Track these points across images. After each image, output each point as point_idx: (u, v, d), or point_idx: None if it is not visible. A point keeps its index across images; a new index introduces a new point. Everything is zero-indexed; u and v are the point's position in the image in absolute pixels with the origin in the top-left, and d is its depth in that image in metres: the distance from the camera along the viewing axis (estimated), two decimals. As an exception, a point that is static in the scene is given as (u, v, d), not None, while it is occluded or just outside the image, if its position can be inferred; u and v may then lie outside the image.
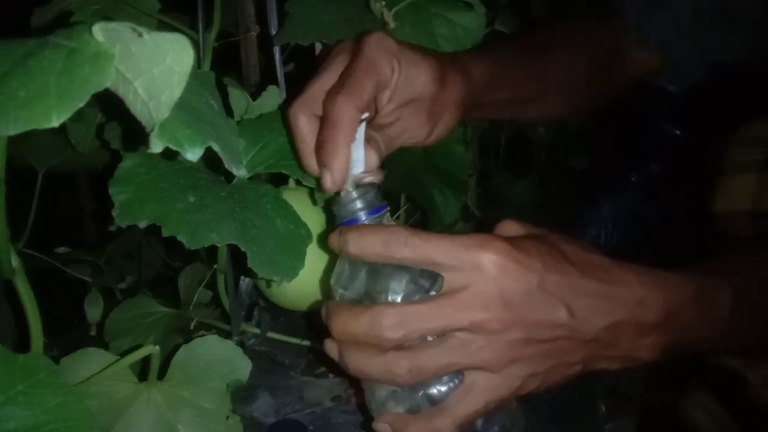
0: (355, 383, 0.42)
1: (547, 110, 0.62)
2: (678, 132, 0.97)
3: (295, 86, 0.57)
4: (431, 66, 0.43)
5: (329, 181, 0.40)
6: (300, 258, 0.43)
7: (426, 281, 0.36)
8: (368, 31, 0.42)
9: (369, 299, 0.37)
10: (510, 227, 0.39)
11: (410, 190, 0.68)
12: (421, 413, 0.37)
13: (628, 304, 0.36)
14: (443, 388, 0.37)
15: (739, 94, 0.60)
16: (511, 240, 0.35)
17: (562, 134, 1.13)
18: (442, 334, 0.35)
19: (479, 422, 0.38)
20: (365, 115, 0.41)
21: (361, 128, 0.40)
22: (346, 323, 0.36)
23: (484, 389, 0.36)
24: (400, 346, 0.35)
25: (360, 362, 0.36)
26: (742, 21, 0.65)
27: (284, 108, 0.45)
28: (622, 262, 0.37)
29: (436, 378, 0.37)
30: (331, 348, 0.38)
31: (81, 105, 0.23)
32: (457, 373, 0.36)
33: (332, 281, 0.40)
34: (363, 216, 0.39)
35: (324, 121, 0.40)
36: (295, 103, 0.42)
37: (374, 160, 0.42)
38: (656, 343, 0.37)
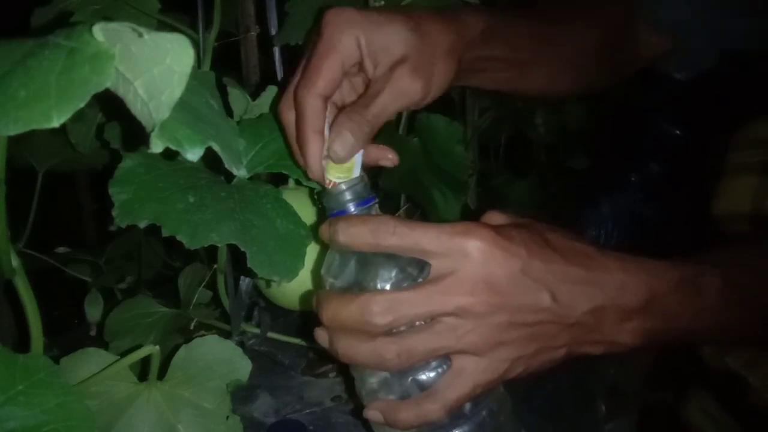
0: (351, 383, 0.42)
1: (549, 83, 0.59)
2: (678, 132, 0.97)
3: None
4: (403, 21, 0.42)
5: (309, 172, 0.41)
6: (300, 258, 0.43)
7: (414, 269, 0.37)
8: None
9: (358, 288, 0.38)
10: (495, 217, 0.39)
11: (410, 190, 0.68)
12: (411, 398, 0.38)
13: (609, 289, 0.36)
14: (432, 374, 0.38)
15: (744, 85, 0.60)
16: (496, 227, 0.36)
17: (562, 134, 1.13)
18: (430, 320, 0.36)
19: (467, 407, 0.39)
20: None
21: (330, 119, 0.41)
22: (336, 310, 0.36)
23: (471, 373, 0.36)
24: (389, 332, 0.36)
25: (350, 348, 0.36)
26: (755, 7, 0.64)
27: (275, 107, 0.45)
28: (606, 250, 0.38)
29: (424, 363, 0.37)
30: (321, 336, 0.38)
31: (81, 105, 0.23)
32: (445, 357, 0.37)
33: (323, 271, 0.40)
34: (352, 207, 0.40)
35: (296, 114, 0.41)
36: (284, 101, 0.43)
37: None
38: (639, 328, 0.37)
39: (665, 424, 0.67)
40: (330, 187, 0.41)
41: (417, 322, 0.36)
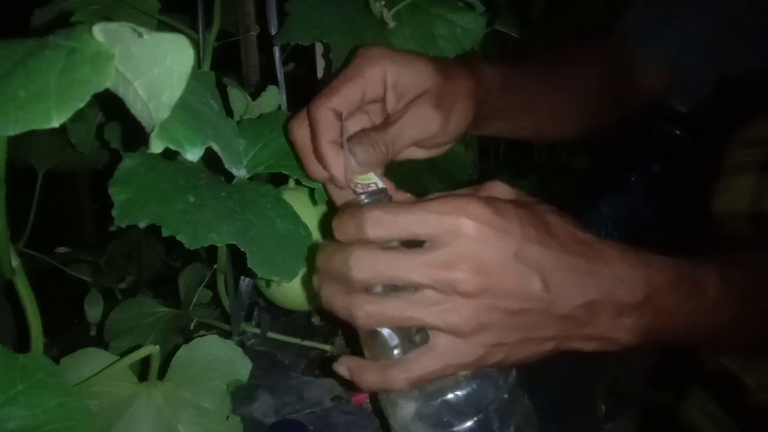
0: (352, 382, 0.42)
1: (560, 124, 0.62)
2: (678, 132, 0.97)
3: (295, 86, 0.58)
4: (428, 61, 0.44)
5: (335, 180, 0.42)
6: (300, 258, 0.43)
7: None
8: (368, 33, 0.43)
9: None
10: (499, 189, 0.38)
11: (410, 190, 0.68)
12: (379, 363, 0.37)
13: (607, 281, 0.35)
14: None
15: (746, 108, 0.60)
16: (492, 203, 0.34)
17: (562, 134, 1.13)
18: (414, 289, 0.35)
19: (496, 424, 0.38)
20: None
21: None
22: (326, 257, 0.37)
23: (445, 352, 0.35)
24: (370, 290, 0.35)
25: (328, 296, 0.37)
26: (748, 33, 0.65)
27: (285, 124, 0.46)
28: (607, 241, 0.36)
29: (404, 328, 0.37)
30: (315, 279, 0.39)
31: (81, 105, 0.23)
32: (420, 329, 0.36)
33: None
34: None
35: (309, 127, 0.42)
36: (294, 118, 0.44)
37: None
38: (635, 325, 0.36)
39: (665, 424, 0.67)
40: (353, 200, 0.40)
41: (398, 285, 0.35)
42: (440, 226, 0.34)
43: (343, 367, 0.38)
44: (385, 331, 0.38)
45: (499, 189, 0.38)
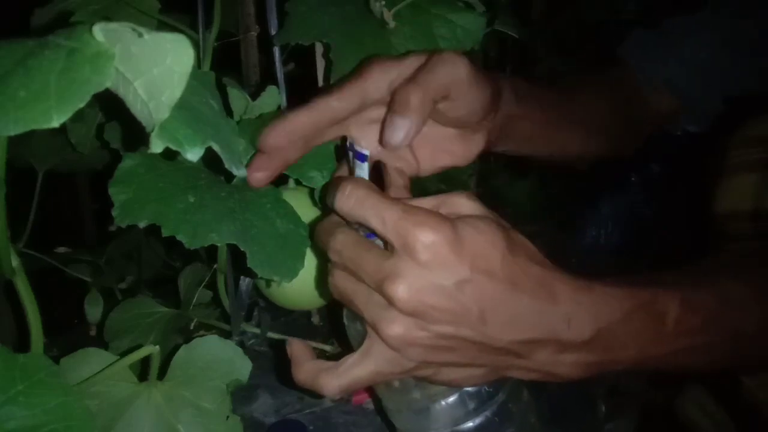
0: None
1: (578, 146, 0.62)
2: (678, 132, 0.97)
3: (295, 86, 0.58)
4: (491, 91, 0.44)
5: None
6: (300, 258, 0.43)
7: None
8: (368, 33, 0.42)
9: None
10: (463, 204, 0.36)
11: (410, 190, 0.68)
12: (313, 365, 0.38)
13: (552, 321, 0.34)
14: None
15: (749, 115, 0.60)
16: (453, 228, 0.33)
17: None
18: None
19: (497, 424, 0.39)
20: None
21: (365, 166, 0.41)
22: (334, 193, 0.37)
23: (376, 359, 0.36)
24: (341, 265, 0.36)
25: (317, 229, 0.39)
26: (750, 51, 0.65)
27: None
28: (566, 276, 0.35)
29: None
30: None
31: (81, 105, 0.23)
32: (364, 327, 0.37)
33: None
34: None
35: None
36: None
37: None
38: (577, 361, 0.36)
39: (665, 424, 0.67)
40: None
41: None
42: (394, 234, 0.34)
43: (290, 349, 0.39)
44: (358, 325, 0.39)
45: (463, 204, 0.36)
